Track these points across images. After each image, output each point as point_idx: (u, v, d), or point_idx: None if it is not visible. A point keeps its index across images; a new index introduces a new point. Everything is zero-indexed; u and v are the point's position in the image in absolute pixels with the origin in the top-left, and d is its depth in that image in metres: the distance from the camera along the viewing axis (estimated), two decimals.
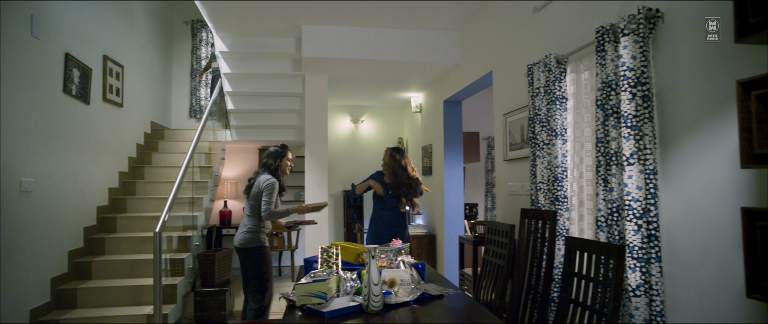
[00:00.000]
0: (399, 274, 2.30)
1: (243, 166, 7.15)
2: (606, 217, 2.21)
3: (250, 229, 3.35)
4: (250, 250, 3.33)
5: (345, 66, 5.04)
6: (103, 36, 4.54)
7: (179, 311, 3.88)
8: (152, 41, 5.94)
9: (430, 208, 6.11)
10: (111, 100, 4.65)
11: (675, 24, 1.97)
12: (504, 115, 3.78)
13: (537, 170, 2.97)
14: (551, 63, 2.77)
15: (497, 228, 3.36)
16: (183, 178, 3.96)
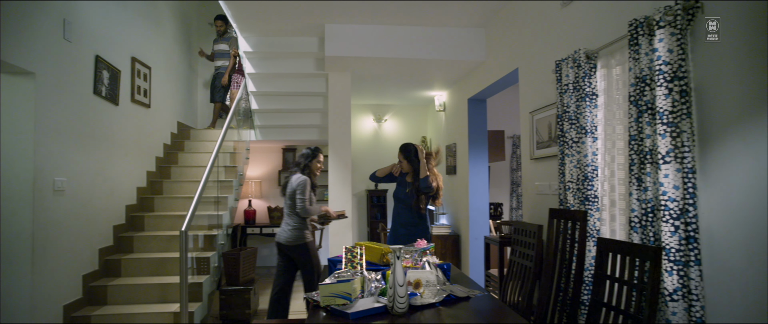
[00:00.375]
0: (424, 275, 2.26)
1: (267, 166, 7.21)
2: (640, 218, 2.12)
3: (295, 227, 3.62)
4: (299, 247, 3.63)
5: (368, 64, 5.02)
6: (131, 38, 4.63)
7: (205, 309, 3.92)
8: (178, 42, 6.03)
9: (455, 207, 6.04)
10: (139, 100, 4.74)
11: (715, 14, 1.87)
12: (530, 112, 3.69)
13: (566, 169, 2.89)
14: (581, 58, 2.68)
15: (524, 228, 3.28)
16: (208, 177, 4.00)
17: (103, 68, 4.02)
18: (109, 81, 4.14)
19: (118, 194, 4.34)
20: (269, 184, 7.19)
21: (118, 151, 4.35)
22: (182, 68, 6.17)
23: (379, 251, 2.78)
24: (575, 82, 2.76)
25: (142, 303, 3.74)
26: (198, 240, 4.32)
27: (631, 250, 1.92)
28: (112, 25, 4.24)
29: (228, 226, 4.91)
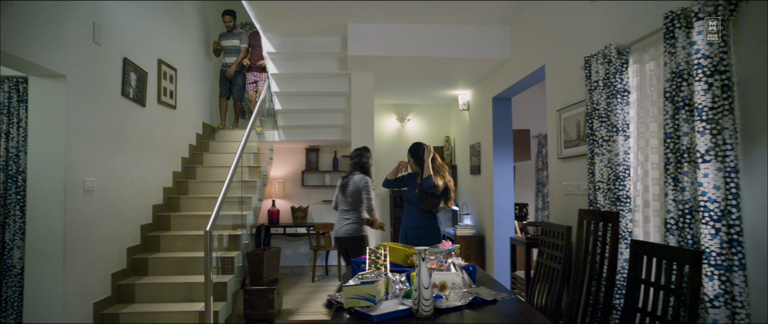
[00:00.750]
0: (450, 278, 2.21)
1: (290, 166, 7.25)
2: (676, 220, 2.02)
3: (354, 221, 3.79)
4: (358, 239, 3.82)
5: (391, 64, 4.99)
6: (157, 40, 4.71)
7: (229, 309, 3.95)
8: (202, 44, 6.11)
9: (479, 208, 5.95)
10: (165, 102, 4.81)
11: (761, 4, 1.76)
12: (558, 110, 3.60)
13: (595, 168, 2.79)
14: (611, 54, 2.59)
15: (552, 229, 3.19)
16: (232, 178, 4.03)
17: (130, 70, 4.09)
18: (137, 83, 4.21)
19: (146, 194, 4.41)
20: (293, 184, 7.23)
21: (145, 151, 4.42)
22: (207, 69, 6.25)
23: (404, 252, 2.73)
24: (606, 79, 2.66)
25: (169, 302, 3.79)
26: (223, 239, 4.36)
27: (668, 253, 1.83)
28: (139, 27, 4.31)
29: (252, 225, 4.94)
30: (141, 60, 4.32)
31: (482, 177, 5.77)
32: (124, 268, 3.94)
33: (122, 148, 3.99)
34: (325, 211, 7.24)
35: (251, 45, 6.25)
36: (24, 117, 3.33)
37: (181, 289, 3.81)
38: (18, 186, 3.31)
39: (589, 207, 2.90)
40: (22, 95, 3.36)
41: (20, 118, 3.35)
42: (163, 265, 4.08)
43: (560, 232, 3.06)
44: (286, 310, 4.79)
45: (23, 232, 3.26)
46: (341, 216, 3.86)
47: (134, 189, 4.18)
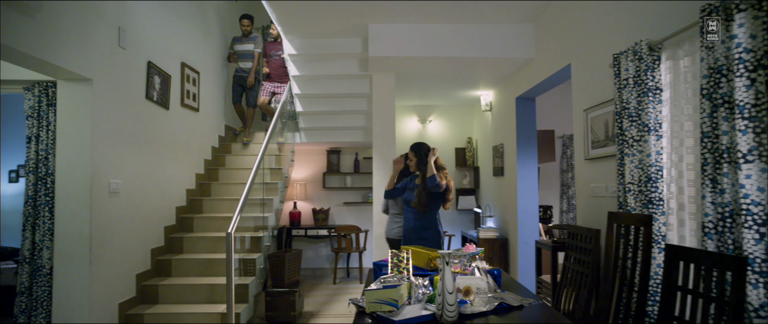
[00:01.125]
0: (474, 282, 2.14)
1: (312, 168, 7.26)
2: (715, 223, 1.92)
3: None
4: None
5: (412, 64, 4.94)
6: (180, 44, 4.76)
7: (251, 311, 3.95)
8: (225, 47, 6.17)
9: (502, 210, 5.85)
10: (188, 105, 4.86)
11: None
12: (584, 110, 3.49)
13: (625, 170, 2.69)
14: (642, 50, 2.49)
15: (579, 233, 3.10)
16: (254, 180, 4.04)
17: (154, 74, 4.14)
18: (160, 86, 4.26)
19: (169, 196, 4.46)
20: (314, 186, 7.24)
21: (169, 154, 4.47)
22: (229, 72, 6.31)
23: (427, 256, 2.68)
24: (636, 76, 2.56)
25: (191, 303, 3.81)
26: (245, 241, 4.37)
27: (708, 259, 1.73)
28: (162, 31, 4.37)
29: (273, 227, 4.95)
30: (164, 63, 4.37)
31: (505, 179, 5.67)
32: (148, 269, 3.99)
33: (146, 150, 4.03)
34: (347, 212, 7.22)
35: (269, 54, 6.07)
36: (53, 120, 3.40)
37: (204, 291, 3.83)
38: (47, 188, 3.37)
39: (619, 209, 2.79)
40: (51, 99, 3.43)
41: (49, 122, 3.42)
42: (186, 267, 4.11)
43: (588, 235, 2.96)
44: (308, 312, 4.78)
45: (52, 232, 3.33)
46: (392, 218, 4.00)
47: (158, 191, 4.23)
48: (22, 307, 3.36)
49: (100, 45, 3.40)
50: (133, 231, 3.79)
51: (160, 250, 4.22)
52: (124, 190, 3.67)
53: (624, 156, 2.70)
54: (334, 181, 7.21)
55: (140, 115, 3.94)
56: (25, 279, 3.37)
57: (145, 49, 4.04)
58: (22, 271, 3.37)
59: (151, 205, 4.11)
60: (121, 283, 3.63)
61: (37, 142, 3.43)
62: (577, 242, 3.11)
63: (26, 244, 3.38)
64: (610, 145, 3.09)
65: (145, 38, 4.02)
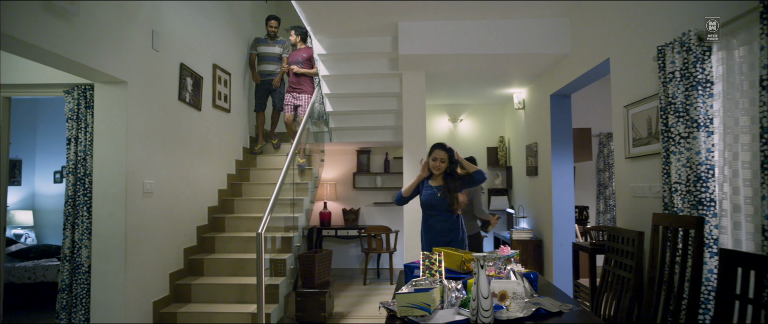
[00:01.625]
0: (510, 286, 2.05)
1: (342, 168, 7.25)
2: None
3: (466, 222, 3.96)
4: (473, 236, 4.13)
5: (443, 62, 4.85)
6: (212, 45, 4.82)
7: (281, 311, 3.95)
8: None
9: (536, 211, 5.68)
10: (220, 106, 4.92)
11: None
12: (625, 106, 3.33)
13: (671, 168, 2.53)
14: (691, 41, 2.33)
15: (621, 235, 2.95)
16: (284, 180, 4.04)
17: (187, 75, 4.20)
18: (192, 87, 4.31)
19: (201, 196, 4.52)
20: (344, 186, 7.22)
21: (201, 154, 4.52)
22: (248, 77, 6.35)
23: (460, 258, 2.60)
24: (683, 69, 2.41)
25: (223, 302, 3.84)
26: (276, 241, 4.38)
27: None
28: (194, 34, 4.42)
29: (304, 228, 4.95)
30: (196, 65, 4.43)
31: (539, 178, 5.51)
32: (181, 269, 4.04)
33: (179, 151, 4.09)
34: (377, 213, 7.18)
35: (290, 62, 5.64)
36: (90, 122, 3.48)
37: (235, 291, 3.85)
38: (85, 188, 3.45)
39: (664, 211, 2.64)
40: (89, 102, 3.51)
41: (87, 124, 3.50)
42: (217, 266, 4.15)
43: (630, 237, 2.81)
44: (338, 313, 4.75)
45: (90, 231, 3.40)
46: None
47: (191, 191, 4.29)
48: (63, 304, 3.45)
49: (135, 48, 3.46)
50: (166, 230, 3.84)
51: (193, 250, 4.27)
52: (158, 190, 3.73)
53: (670, 154, 2.54)
54: (364, 181, 7.18)
55: (173, 116, 4.00)
56: (66, 276, 3.46)
57: (178, 52, 4.09)
58: (63, 268, 3.46)
59: (184, 205, 4.16)
60: (156, 281, 3.68)
61: (76, 143, 3.52)
62: (618, 245, 2.96)
63: (66, 243, 3.47)
64: (654, 143, 2.93)
65: (177, 40, 4.08)
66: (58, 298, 3.45)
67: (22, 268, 4.97)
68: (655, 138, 2.91)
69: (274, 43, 5.81)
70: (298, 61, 5.55)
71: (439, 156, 3.24)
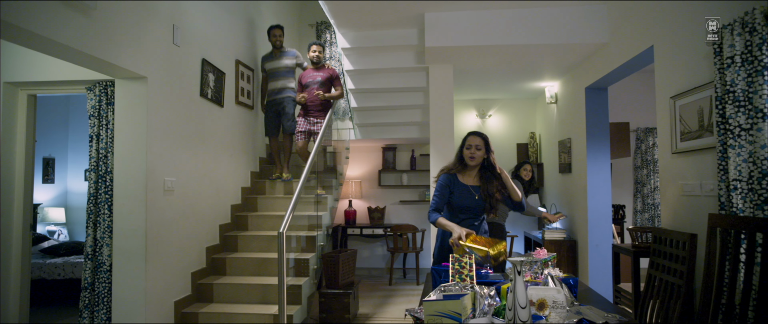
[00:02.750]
0: (550, 295, 1.85)
1: (367, 165, 7.11)
2: None
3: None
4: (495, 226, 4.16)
5: (471, 54, 4.65)
6: (235, 41, 4.74)
7: (304, 313, 3.83)
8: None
9: (570, 210, 5.41)
10: (242, 102, 4.84)
11: None
12: (671, 97, 3.07)
13: (729, 164, 2.28)
14: (755, 21, 2.08)
15: (669, 237, 2.70)
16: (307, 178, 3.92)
17: (208, 71, 4.12)
18: (215, 83, 4.24)
19: (224, 194, 4.45)
20: (370, 184, 7.09)
21: (224, 151, 4.45)
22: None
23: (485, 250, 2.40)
24: (745, 53, 2.16)
25: (245, 303, 3.75)
26: (301, 240, 4.27)
27: None
28: (216, 29, 4.35)
29: (328, 226, 4.83)
30: (219, 61, 4.35)
31: (573, 176, 5.24)
32: (203, 268, 3.97)
33: (201, 148, 4.02)
34: (403, 211, 7.02)
35: (304, 83, 4.95)
36: (111, 119, 3.43)
37: (257, 291, 3.76)
38: (107, 186, 3.41)
39: (720, 211, 2.39)
40: (110, 98, 3.47)
41: (108, 121, 3.45)
42: (240, 266, 4.06)
43: (681, 240, 2.57)
44: (363, 314, 4.61)
45: (111, 230, 3.36)
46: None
47: (213, 189, 4.22)
48: (85, 302, 3.42)
49: (155, 43, 3.40)
50: (188, 229, 3.78)
51: (215, 249, 4.20)
52: (179, 188, 3.66)
53: (727, 148, 2.30)
54: (389, 178, 7.03)
55: (194, 112, 3.93)
56: (89, 275, 3.42)
57: (199, 47, 4.02)
58: (86, 267, 3.43)
59: (206, 203, 4.09)
60: (177, 281, 3.62)
61: (98, 141, 3.49)
62: (666, 248, 2.71)
63: (89, 241, 3.43)
64: (707, 136, 2.67)
65: (199, 36, 4.01)
66: (81, 297, 3.42)
67: (52, 265, 5.02)
68: (708, 131, 2.66)
69: (281, 56, 4.97)
70: (317, 80, 4.85)
71: (474, 143, 2.75)
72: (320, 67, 4.95)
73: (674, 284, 2.57)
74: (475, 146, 2.75)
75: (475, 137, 2.77)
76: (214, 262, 4.08)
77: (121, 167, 3.29)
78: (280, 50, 5.01)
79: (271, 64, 4.99)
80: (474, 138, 2.77)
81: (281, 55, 4.99)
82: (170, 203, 3.53)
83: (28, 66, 3.53)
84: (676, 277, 2.56)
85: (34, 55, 3.47)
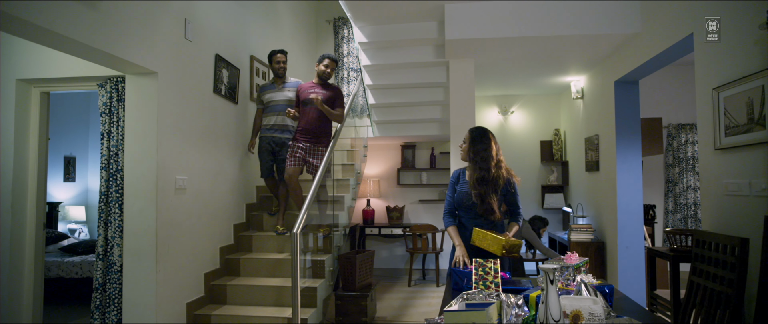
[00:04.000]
0: (586, 305, 1.66)
1: (386, 164, 6.96)
2: None
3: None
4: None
5: (493, 47, 4.44)
6: (249, 37, 4.63)
7: (319, 316, 3.70)
8: (296, 41, 6.02)
9: (597, 209, 5.17)
10: None
11: None
12: (714, 89, 2.83)
13: None
14: None
15: (713, 240, 2.48)
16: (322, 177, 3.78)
17: (222, 67, 4.02)
18: (229, 79, 4.14)
19: (238, 193, 4.34)
20: (388, 182, 6.93)
21: (238, 149, 4.35)
22: (301, 68, 6.15)
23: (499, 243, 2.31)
24: None
25: (259, 305, 3.63)
26: (318, 240, 4.14)
27: None
28: (231, 24, 4.24)
29: (345, 226, 4.69)
30: (233, 56, 4.24)
31: (601, 174, 5.00)
32: (216, 268, 3.87)
33: (215, 145, 3.92)
34: (423, 211, 6.84)
35: (303, 100, 4.05)
36: (122, 116, 3.35)
37: (271, 293, 3.64)
38: (117, 184, 3.33)
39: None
40: (121, 94, 3.39)
41: (119, 118, 3.38)
42: (254, 267, 3.95)
43: (729, 245, 2.34)
44: (380, 317, 4.46)
45: (122, 229, 3.28)
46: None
47: (227, 187, 4.11)
48: (97, 303, 3.35)
49: (166, 37, 3.30)
50: (201, 228, 3.68)
51: (229, 249, 4.10)
52: (192, 186, 3.56)
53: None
54: (408, 177, 6.86)
55: (208, 109, 3.83)
56: (100, 275, 3.35)
57: (213, 42, 3.92)
58: (97, 267, 3.35)
59: (220, 202, 3.99)
60: (190, 282, 3.52)
61: (109, 138, 3.41)
62: (710, 252, 2.49)
63: (100, 241, 3.36)
64: (757, 130, 2.43)
65: (212, 31, 3.91)
66: (93, 297, 3.35)
67: (70, 263, 5.01)
68: (759, 124, 2.42)
69: (283, 86, 4.24)
70: (319, 98, 3.94)
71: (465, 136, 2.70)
72: (326, 84, 4.11)
73: (721, 293, 2.35)
74: (463, 140, 2.68)
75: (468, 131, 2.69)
76: (228, 263, 3.98)
77: (132, 165, 3.20)
78: (282, 80, 4.26)
79: (271, 95, 4.22)
80: (467, 135, 2.68)
81: (283, 86, 4.24)
82: (182, 202, 3.43)
83: (40, 63, 3.48)
84: (723, 285, 2.34)
85: (46, 52, 3.41)
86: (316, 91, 4.01)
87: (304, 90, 4.11)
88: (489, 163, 2.54)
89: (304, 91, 4.10)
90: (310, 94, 3.99)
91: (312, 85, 4.10)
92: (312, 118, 4.00)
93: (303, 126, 4.02)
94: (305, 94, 4.06)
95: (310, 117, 4.01)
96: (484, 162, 2.54)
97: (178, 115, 3.42)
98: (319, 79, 4.08)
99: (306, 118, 4.02)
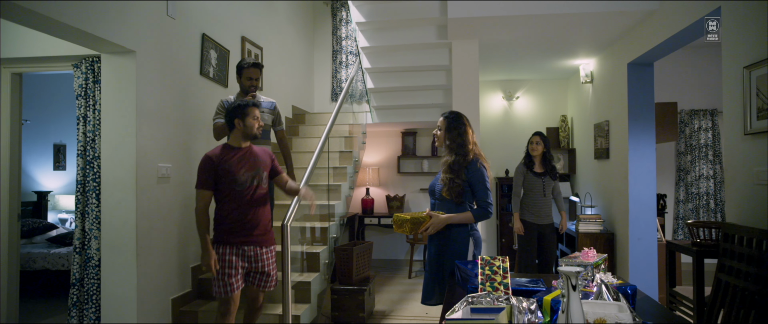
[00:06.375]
0: (611, 313, 1.43)
1: (386, 151, 6.71)
2: None
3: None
4: (550, 225, 4.16)
5: (498, 27, 4.17)
6: (240, 17, 4.36)
7: (314, 311, 3.48)
8: (292, 22, 5.74)
9: (606, 199, 4.93)
10: None
11: None
12: (745, 67, 2.57)
13: None
14: None
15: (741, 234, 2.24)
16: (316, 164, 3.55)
17: (210, 48, 3.76)
18: (217, 61, 3.88)
19: None
20: (388, 170, 6.68)
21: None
22: (297, 50, 5.88)
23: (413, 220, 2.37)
24: None
25: None
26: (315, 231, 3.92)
27: None
28: (219, 2, 3.97)
29: (342, 216, 4.46)
30: (222, 37, 3.98)
31: (611, 162, 4.75)
32: None
33: (201, 131, 3.67)
34: (424, 200, 6.60)
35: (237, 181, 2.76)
36: (99, 99, 3.11)
37: None
38: (94, 172, 3.11)
39: None
40: (96, 75, 3.14)
41: (96, 101, 3.14)
42: None
43: (760, 239, 2.10)
44: (379, 311, 4.26)
45: (100, 221, 3.05)
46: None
47: None
48: (74, 300, 3.14)
49: (145, 14, 3.04)
50: (187, 220, 3.45)
51: None
52: (176, 175, 3.33)
53: None
54: (409, 165, 6.62)
55: (194, 93, 3.58)
56: (77, 270, 3.14)
57: (199, 21, 3.66)
58: (74, 261, 3.14)
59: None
60: (175, 276, 3.31)
61: (85, 123, 3.17)
62: (736, 246, 2.25)
63: (77, 233, 3.14)
64: None
65: (198, 9, 3.64)
66: (70, 293, 3.14)
67: (56, 255, 4.80)
68: None
69: (263, 109, 3.35)
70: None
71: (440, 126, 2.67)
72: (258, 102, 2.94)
73: (746, 290, 2.12)
74: (437, 127, 2.68)
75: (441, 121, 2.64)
76: None
77: (109, 152, 2.96)
78: (255, 99, 3.31)
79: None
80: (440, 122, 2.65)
81: (263, 109, 3.35)
82: (164, 192, 3.20)
83: (10, 42, 3.23)
84: (753, 283, 2.10)
85: (15, 29, 3.15)
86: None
87: (231, 157, 2.65)
88: (465, 149, 2.49)
89: (234, 158, 2.65)
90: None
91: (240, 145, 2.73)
92: (254, 199, 2.62)
93: (235, 219, 2.60)
94: (242, 164, 2.63)
95: (244, 200, 2.59)
96: (460, 148, 2.49)
97: (160, 98, 3.17)
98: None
99: (237, 203, 2.60)
